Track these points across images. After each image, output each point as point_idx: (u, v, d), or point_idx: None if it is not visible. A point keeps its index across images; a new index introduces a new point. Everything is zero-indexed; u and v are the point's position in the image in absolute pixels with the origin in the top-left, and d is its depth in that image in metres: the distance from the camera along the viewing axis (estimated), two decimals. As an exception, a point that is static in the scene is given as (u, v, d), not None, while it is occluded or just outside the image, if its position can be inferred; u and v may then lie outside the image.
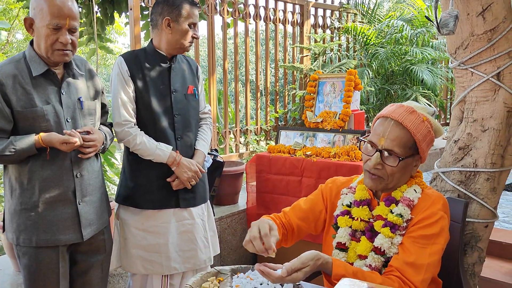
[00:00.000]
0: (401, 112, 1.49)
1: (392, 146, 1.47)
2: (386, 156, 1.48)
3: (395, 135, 1.47)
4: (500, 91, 1.90)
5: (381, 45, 5.47)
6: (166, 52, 2.25)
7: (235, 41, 4.33)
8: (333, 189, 1.70)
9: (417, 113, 1.50)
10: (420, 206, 1.49)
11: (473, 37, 1.93)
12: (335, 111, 3.38)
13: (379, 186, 1.51)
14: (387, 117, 1.51)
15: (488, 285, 2.81)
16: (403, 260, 1.41)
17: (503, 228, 3.66)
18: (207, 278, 1.35)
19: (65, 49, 1.83)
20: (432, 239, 1.43)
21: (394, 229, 1.45)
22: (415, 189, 1.52)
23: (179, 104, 2.27)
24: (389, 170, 1.48)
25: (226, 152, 4.23)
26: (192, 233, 2.31)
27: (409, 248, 1.43)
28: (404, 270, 1.39)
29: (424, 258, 1.40)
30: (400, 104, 1.55)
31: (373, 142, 1.51)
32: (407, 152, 1.48)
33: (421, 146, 1.49)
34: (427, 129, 1.50)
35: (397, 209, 1.48)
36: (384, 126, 1.50)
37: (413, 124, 1.47)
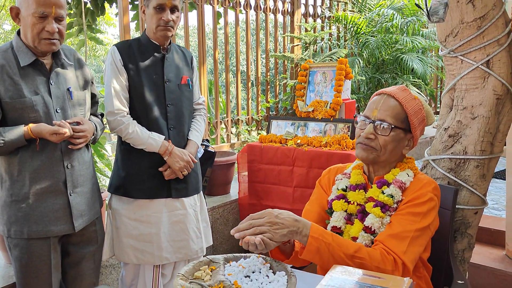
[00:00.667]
0: (394, 88, 1.59)
1: (384, 116, 1.53)
2: (378, 126, 1.53)
3: (387, 106, 1.54)
4: (490, 79, 1.91)
5: (372, 34, 5.47)
6: (156, 41, 2.23)
7: (226, 31, 4.30)
8: (331, 178, 1.72)
9: (409, 91, 1.58)
10: (411, 189, 1.52)
11: (462, 24, 1.93)
12: (326, 100, 3.38)
13: (370, 156, 1.54)
14: (381, 93, 1.59)
15: (477, 271, 2.85)
16: (387, 233, 1.44)
17: (492, 215, 3.71)
18: (200, 267, 1.35)
19: (51, 38, 1.81)
20: (419, 217, 1.45)
21: (384, 209, 1.48)
22: (407, 173, 1.55)
23: (172, 94, 2.26)
24: (381, 141, 1.52)
25: (218, 142, 4.23)
26: (184, 223, 2.31)
27: (394, 223, 1.46)
28: (386, 241, 1.41)
29: (408, 232, 1.42)
30: (395, 85, 1.64)
31: (366, 115, 1.57)
32: (399, 123, 1.53)
33: (412, 121, 1.54)
34: (418, 106, 1.57)
35: (388, 190, 1.51)
36: (377, 101, 1.58)
37: (404, 98, 1.55)
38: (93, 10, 3.90)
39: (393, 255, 1.39)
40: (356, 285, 1.19)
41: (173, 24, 2.18)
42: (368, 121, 1.55)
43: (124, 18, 3.36)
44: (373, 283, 1.20)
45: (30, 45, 1.82)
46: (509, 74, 1.91)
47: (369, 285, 1.19)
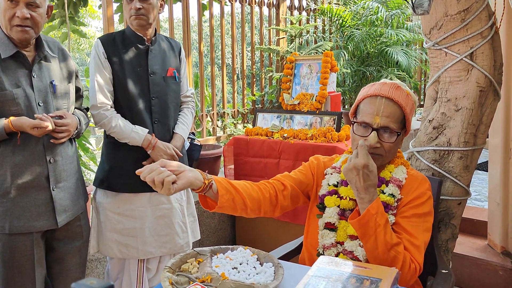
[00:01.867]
0: (388, 89, 1.52)
1: (387, 122, 1.48)
2: (383, 134, 1.50)
3: (389, 111, 1.49)
4: (473, 71, 1.93)
5: (357, 27, 5.49)
6: (138, 32, 2.21)
7: (211, 23, 4.27)
8: (320, 167, 1.69)
9: (402, 88, 1.54)
10: (408, 187, 1.52)
11: (447, 17, 1.95)
12: (312, 93, 3.39)
13: (377, 163, 1.51)
14: (377, 96, 1.51)
15: (460, 261, 2.90)
16: (409, 241, 1.43)
17: (474, 206, 3.77)
18: (187, 259, 1.35)
19: (23, 24, 1.75)
20: (423, 218, 1.48)
21: (387, 209, 1.48)
22: (402, 170, 1.55)
23: (157, 86, 2.24)
24: (387, 147, 1.50)
25: (204, 135, 4.21)
26: (169, 217, 2.29)
27: (406, 228, 1.45)
28: (411, 251, 1.42)
29: (421, 237, 1.45)
30: (382, 82, 1.57)
31: (366, 122, 1.51)
32: (400, 126, 1.52)
33: (408, 119, 1.54)
34: (411, 102, 1.55)
35: (388, 189, 1.51)
36: (376, 105, 1.50)
37: (402, 99, 1.51)
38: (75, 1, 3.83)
39: (416, 264, 1.41)
40: (343, 275, 1.20)
41: (144, 12, 2.13)
42: (369, 129, 1.50)
43: (108, 10, 3.32)
44: (360, 273, 1.21)
45: (8, 34, 1.78)
46: (491, 67, 1.93)
47: (355, 275, 1.20)
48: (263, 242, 3.25)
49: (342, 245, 1.50)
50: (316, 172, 1.68)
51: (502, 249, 2.91)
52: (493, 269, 2.81)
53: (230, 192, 1.39)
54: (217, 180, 1.38)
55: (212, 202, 1.40)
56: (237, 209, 1.42)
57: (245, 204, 1.43)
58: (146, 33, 2.21)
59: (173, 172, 1.28)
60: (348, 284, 1.15)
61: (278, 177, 1.63)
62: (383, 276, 1.18)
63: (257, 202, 1.47)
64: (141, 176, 1.27)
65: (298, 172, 1.68)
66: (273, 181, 1.60)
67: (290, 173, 1.67)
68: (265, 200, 1.50)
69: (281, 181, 1.60)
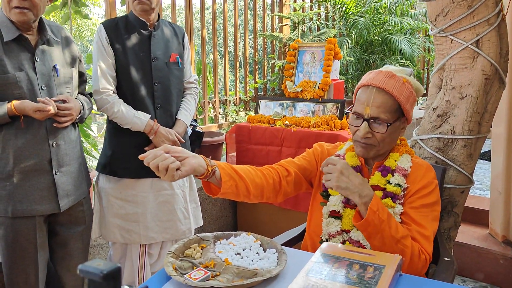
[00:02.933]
0: (381, 78, 1.49)
1: (378, 113, 1.46)
2: (373, 124, 1.48)
3: (379, 101, 1.47)
4: (479, 59, 1.92)
5: (360, 15, 5.44)
6: (141, 17, 2.19)
7: (213, 9, 4.24)
8: (323, 154, 1.68)
9: (397, 77, 1.50)
10: (414, 175, 1.51)
11: (453, 4, 1.93)
12: (315, 80, 3.36)
13: (371, 153, 1.52)
14: (369, 85, 1.50)
15: (462, 249, 2.91)
16: (416, 230, 1.43)
17: (476, 195, 3.77)
18: (190, 245, 1.35)
19: (21, 6, 1.73)
20: (431, 207, 1.47)
21: (394, 199, 1.47)
22: (407, 159, 1.54)
23: (160, 72, 2.22)
24: (379, 137, 1.48)
25: (206, 122, 4.20)
26: (171, 203, 2.30)
27: (415, 219, 1.45)
28: (419, 240, 1.42)
29: (430, 227, 1.45)
30: (378, 71, 1.54)
31: (358, 112, 1.50)
32: (393, 116, 1.48)
33: (405, 108, 1.50)
34: (408, 90, 1.51)
35: (394, 179, 1.50)
36: (367, 95, 1.49)
37: (394, 88, 1.47)
38: (77, -17, 3.79)
39: (426, 255, 1.41)
40: (346, 261, 1.20)
41: None
42: (361, 119, 1.49)
43: (109, -6, 3.28)
44: (362, 259, 1.21)
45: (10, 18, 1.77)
46: (497, 54, 1.91)
47: (359, 261, 1.20)
48: (265, 229, 3.26)
49: (348, 233, 1.50)
50: (320, 159, 1.67)
51: (503, 238, 2.92)
52: (494, 257, 2.82)
53: (234, 178, 1.39)
54: (220, 167, 1.37)
55: (216, 188, 1.40)
56: (240, 195, 1.42)
57: (248, 191, 1.43)
58: (149, 18, 2.19)
59: (176, 158, 1.27)
60: (351, 271, 1.15)
61: (282, 163, 1.62)
62: (386, 263, 1.18)
63: (260, 188, 1.47)
64: (144, 161, 1.27)
65: (302, 158, 1.67)
66: (277, 166, 1.59)
67: (294, 159, 1.66)
68: (269, 186, 1.50)
69: (285, 167, 1.59)
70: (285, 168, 1.59)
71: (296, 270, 1.18)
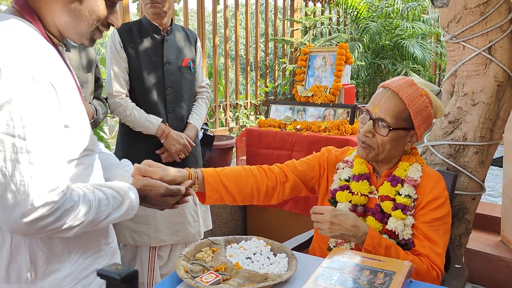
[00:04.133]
0: (400, 83, 1.48)
1: (384, 115, 1.45)
2: (377, 125, 1.47)
3: (388, 104, 1.46)
4: (491, 65, 1.91)
5: (372, 19, 5.44)
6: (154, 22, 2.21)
7: (225, 14, 4.27)
8: (330, 160, 1.68)
9: (417, 87, 1.48)
10: (424, 186, 1.49)
11: (466, 10, 1.92)
12: (326, 85, 3.37)
13: (369, 155, 1.51)
14: (386, 87, 1.50)
15: (473, 256, 2.88)
16: (428, 247, 1.43)
17: (488, 202, 3.74)
18: (201, 248, 1.36)
19: None
20: (443, 220, 1.46)
21: (405, 211, 1.46)
22: (416, 168, 1.52)
23: (172, 76, 2.25)
24: (379, 140, 1.47)
25: (216, 126, 4.22)
26: (181, 206, 2.30)
27: (428, 235, 1.44)
28: (431, 257, 1.42)
29: (442, 241, 1.44)
30: (402, 76, 1.54)
31: (368, 110, 1.51)
32: (400, 123, 1.46)
33: (416, 120, 1.47)
34: (424, 104, 1.47)
35: (403, 190, 1.48)
36: (381, 95, 1.49)
37: (409, 96, 1.45)
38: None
39: (437, 270, 1.41)
40: (356, 267, 1.20)
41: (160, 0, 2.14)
42: (369, 117, 1.49)
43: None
44: (373, 265, 1.21)
45: None
46: (510, 61, 1.91)
47: (369, 267, 1.20)
48: (275, 234, 3.27)
49: None
50: (326, 165, 1.67)
51: (515, 245, 2.89)
52: (505, 265, 2.79)
53: (219, 192, 1.50)
54: (207, 181, 1.47)
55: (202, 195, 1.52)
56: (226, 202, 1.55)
57: (235, 200, 1.54)
58: (161, 22, 2.21)
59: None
60: (362, 276, 1.15)
61: (283, 167, 1.64)
62: (397, 269, 1.19)
63: (249, 196, 1.56)
64: None
65: (305, 162, 1.68)
66: (277, 170, 1.62)
67: (297, 162, 1.67)
68: (260, 193, 1.56)
69: (284, 172, 1.61)
70: (285, 174, 1.61)
71: (306, 275, 1.19)
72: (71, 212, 1.05)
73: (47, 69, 1.03)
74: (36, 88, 0.99)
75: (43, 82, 1.00)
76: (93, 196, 1.11)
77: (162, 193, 1.29)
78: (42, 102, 1.00)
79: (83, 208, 1.07)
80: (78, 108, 1.16)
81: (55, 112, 1.04)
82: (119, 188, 1.20)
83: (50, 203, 1.00)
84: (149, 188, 1.28)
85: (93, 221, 1.10)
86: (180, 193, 1.32)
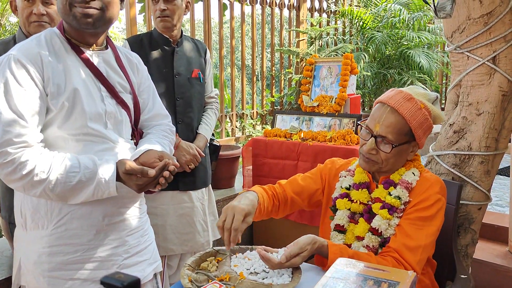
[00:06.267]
0: (398, 98, 1.49)
1: (386, 132, 1.47)
2: (380, 142, 1.48)
3: (389, 121, 1.47)
4: (496, 75, 1.92)
5: (378, 29, 5.45)
6: (164, 34, 2.25)
7: (231, 25, 4.31)
8: (332, 170, 1.70)
9: (415, 100, 1.49)
10: (418, 189, 1.50)
11: (469, 20, 1.93)
12: (331, 95, 3.38)
13: (373, 168, 1.53)
14: (384, 103, 1.51)
15: (480, 267, 2.86)
16: (401, 241, 1.43)
17: (495, 211, 3.71)
18: (206, 258, 1.37)
19: (40, 20, 1.85)
20: (428, 221, 1.45)
21: (391, 211, 1.47)
22: (413, 172, 1.53)
23: (182, 87, 2.28)
24: (383, 156, 1.49)
25: (222, 136, 4.24)
26: (190, 216, 2.33)
27: (406, 230, 1.45)
28: (401, 251, 1.42)
29: (421, 240, 1.43)
30: (399, 90, 1.54)
31: (369, 127, 1.52)
32: (402, 139, 1.48)
33: (417, 133, 1.49)
34: (424, 117, 1.49)
35: (395, 191, 1.49)
36: (380, 112, 1.50)
37: (409, 111, 1.47)
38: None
39: (405, 264, 1.40)
40: (360, 277, 1.20)
41: (169, 13, 2.18)
42: (370, 134, 1.50)
43: (130, 10, 3.37)
44: (377, 275, 1.21)
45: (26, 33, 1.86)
46: (515, 71, 1.91)
47: (373, 277, 1.20)
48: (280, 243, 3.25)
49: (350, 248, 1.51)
50: (328, 177, 1.70)
51: (523, 256, 2.86)
52: (513, 276, 2.76)
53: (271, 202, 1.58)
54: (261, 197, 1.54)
55: None
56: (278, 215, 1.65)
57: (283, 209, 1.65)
58: (171, 34, 2.25)
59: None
60: (365, 286, 1.15)
61: (284, 186, 1.68)
62: (401, 279, 1.18)
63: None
64: None
65: (308, 177, 1.71)
66: (279, 189, 1.66)
67: (299, 179, 1.70)
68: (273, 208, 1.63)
69: (285, 192, 1.66)
70: (285, 193, 1.65)
71: (310, 285, 1.19)
72: (26, 166, 1.23)
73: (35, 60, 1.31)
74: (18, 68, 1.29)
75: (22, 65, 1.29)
76: (60, 159, 1.29)
77: (124, 170, 1.33)
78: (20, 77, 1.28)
79: (42, 165, 1.25)
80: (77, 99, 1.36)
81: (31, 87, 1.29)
82: (95, 160, 1.33)
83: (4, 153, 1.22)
84: (121, 164, 1.36)
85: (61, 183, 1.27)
86: (147, 175, 1.32)
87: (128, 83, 1.53)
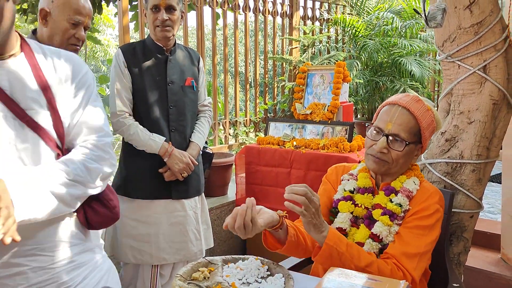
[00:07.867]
0: (408, 100, 1.55)
1: (398, 130, 1.50)
2: (392, 141, 1.51)
3: (402, 120, 1.51)
4: (486, 84, 1.93)
5: (370, 37, 5.49)
6: (159, 42, 2.25)
7: (224, 33, 4.32)
8: (338, 175, 1.71)
9: (423, 102, 1.56)
10: (418, 198, 1.52)
11: (460, 30, 1.95)
12: (324, 103, 3.39)
13: (382, 169, 1.54)
14: (395, 104, 1.55)
15: (473, 274, 2.87)
16: (399, 249, 1.44)
17: (488, 219, 3.73)
18: (198, 268, 1.36)
19: (77, 44, 1.89)
20: (427, 230, 1.47)
21: (392, 218, 1.49)
22: (414, 181, 1.55)
23: (175, 96, 2.28)
24: (394, 155, 1.51)
25: (216, 143, 4.24)
26: (183, 225, 2.32)
27: (404, 238, 1.46)
28: (400, 258, 1.42)
29: (419, 247, 1.44)
30: (406, 93, 1.61)
31: (379, 127, 1.54)
32: (412, 138, 1.52)
33: (424, 134, 1.54)
34: (431, 118, 1.55)
35: (396, 198, 1.51)
36: (392, 112, 1.54)
37: (419, 111, 1.52)
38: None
39: (404, 271, 1.41)
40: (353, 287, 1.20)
41: (170, 23, 2.19)
42: (381, 134, 1.53)
43: (123, 18, 3.37)
44: (370, 285, 1.21)
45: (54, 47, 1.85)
46: (505, 80, 1.93)
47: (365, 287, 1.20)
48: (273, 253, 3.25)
49: None
50: (335, 182, 1.71)
51: (516, 263, 2.87)
52: (506, 283, 2.77)
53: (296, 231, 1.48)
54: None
55: (273, 241, 1.48)
56: (299, 249, 1.50)
57: (306, 244, 1.50)
58: (167, 43, 2.25)
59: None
60: (358, 296, 1.15)
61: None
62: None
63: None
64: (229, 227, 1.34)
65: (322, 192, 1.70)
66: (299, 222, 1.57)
67: None
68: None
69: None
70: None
71: (303, 295, 1.18)
72: None
73: None
74: None
75: None
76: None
77: None
78: None
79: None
80: None
81: None
82: None
83: None
84: None
85: None
86: None
87: (45, 96, 1.22)
